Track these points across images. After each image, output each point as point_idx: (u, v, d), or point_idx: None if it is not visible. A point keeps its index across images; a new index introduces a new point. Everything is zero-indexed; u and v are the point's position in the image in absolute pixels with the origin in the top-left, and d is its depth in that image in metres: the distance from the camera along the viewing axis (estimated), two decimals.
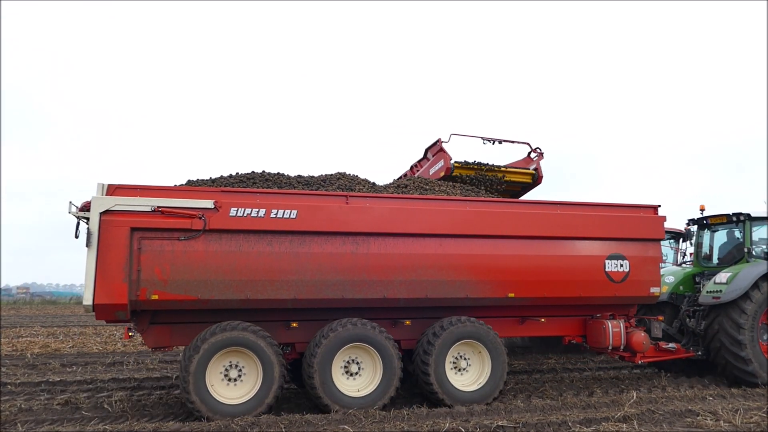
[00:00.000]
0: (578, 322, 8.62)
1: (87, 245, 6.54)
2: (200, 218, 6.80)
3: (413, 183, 9.06)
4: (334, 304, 7.27)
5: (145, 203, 6.71)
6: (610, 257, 8.20)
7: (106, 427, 6.55)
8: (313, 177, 8.79)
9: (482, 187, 9.96)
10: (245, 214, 6.93)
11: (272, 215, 7.00)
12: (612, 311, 8.51)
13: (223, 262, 6.85)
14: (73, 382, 9.40)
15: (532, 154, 10.74)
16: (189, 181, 8.24)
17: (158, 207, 6.72)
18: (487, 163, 10.20)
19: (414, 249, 7.45)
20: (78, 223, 7.07)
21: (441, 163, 9.97)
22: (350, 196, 7.44)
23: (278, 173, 8.57)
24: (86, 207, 6.69)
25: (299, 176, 8.71)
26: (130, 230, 6.60)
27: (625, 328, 8.32)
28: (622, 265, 8.22)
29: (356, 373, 7.31)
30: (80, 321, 25.20)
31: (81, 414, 7.26)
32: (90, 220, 6.56)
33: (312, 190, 8.16)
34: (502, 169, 10.29)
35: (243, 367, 6.99)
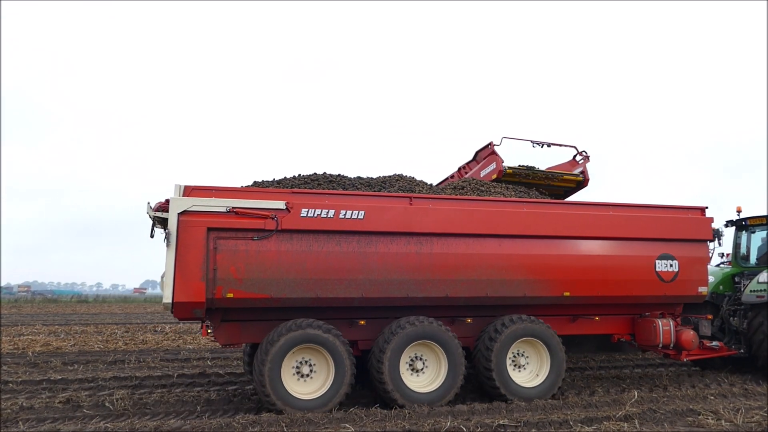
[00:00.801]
0: (627, 320, 8.82)
1: (166, 245, 6.72)
2: (273, 219, 6.98)
3: (469, 185, 9.27)
4: (399, 302, 7.44)
5: (220, 204, 6.90)
6: (660, 257, 8.38)
7: (108, 425, 6.55)
8: (372, 178, 8.99)
9: (533, 190, 10.19)
10: (315, 215, 7.13)
11: (341, 216, 7.19)
12: (661, 310, 8.73)
13: (294, 262, 7.03)
14: (74, 381, 9.41)
15: (578, 157, 10.97)
16: (255, 182, 8.45)
17: (233, 208, 6.91)
18: (536, 167, 10.46)
19: (474, 249, 7.63)
20: (153, 223, 7.25)
21: (493, 166, 10.23)
22: (414, 198, 7.62)
23: (339, 174, 8.80)
24: (162, 207, 6.89)
25: (359, 177, 8.92)
26: (207, 230, 6.79)
27: (674, 326, 8.52)
28: (671, 265, 8.41)
29: (421, 370, 7.50)
30: (81, 319, 25.21)
31: (82, 412, 7.27)
32: (169, 220, 6.75)
33: (374, 191, 8.33)
34: (551, 172, 10.56)
35: (314, 363, 7.18)
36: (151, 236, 7.34)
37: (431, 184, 9.40)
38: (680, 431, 6.21)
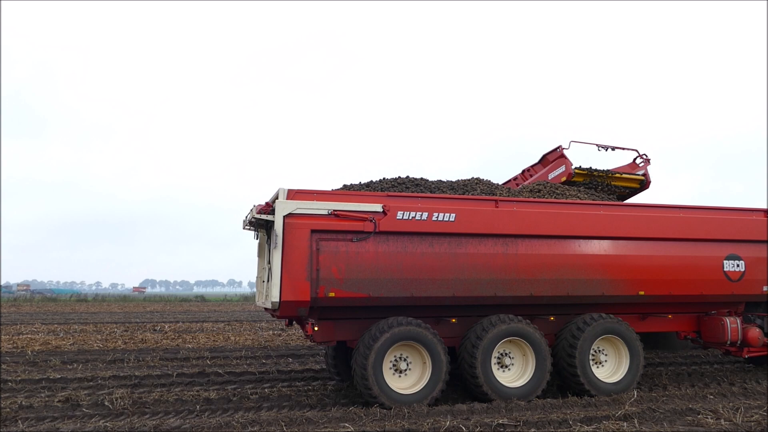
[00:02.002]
0: (693, 318, 9.22)
1: (273, 246, 7.07)
2: (371, 221, 7.30)
3: (545, 188, 9.60)
4: (487, 301, 7.73)
5: (322, 207, 7.19)
6: (728, 258, 8.80)
7: (107, 424, 6.55)
8: (451, 181, 9.27)
9: (600, 192, 10.53)
10: (410, 217, 7.44)
11: (434, 218, 7.52)
12: (726, 308, 9.10)
13: (390, 262, 7.32)
14: (73, 380, 9.40)
15: (638, 160, 11.34)
16: (345, 185, 8.82)
17: (334, 210, 7.19)
18: (602, 170, 10.80)
19: (556, 250, 7.99)
20: (255, 226, 7.70)
21: (562, 169, 10.59)
22: (500, 201, 7.97)
23: (422, 178, 9.12)
24: (264, 210, 7.24)
25: (440, 181, 9.21)
26: (311, 232, 7.08)
27: (740, 324, 8.86)
28: (738, 265, 8.82)
29: (508, 366, 7.83)
30: (80, 318, 25.19)
31: (81, 411, 7.26)
32: (275, 223, 7.06)
33: (458, 194, 8.61)
34: (616, 175, 10.89)
35: (410, 359, 7.46)
36: (256, 238, 7.80)
37: (509, 188, 9.81)
38: (680, 430, 6.21)
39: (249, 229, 8.32)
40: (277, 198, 7.19)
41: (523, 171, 11.86)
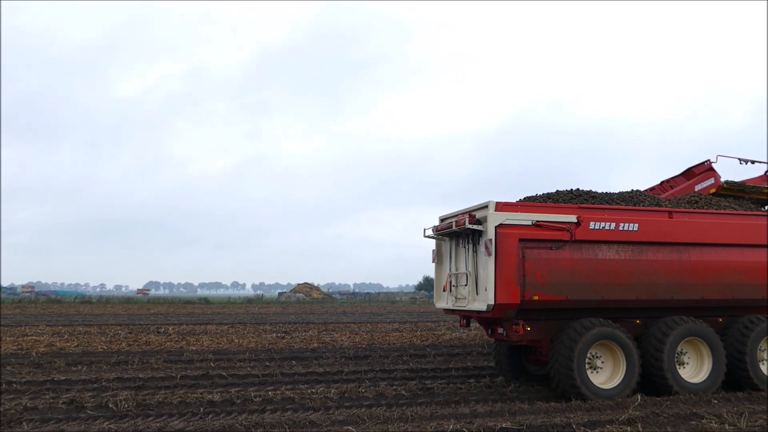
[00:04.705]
0: None
1: (487, 254, 7.81)
2: (567, 231, 7.98)
3: (702, 200, 10.32)
4: (665, 304, 8.46)
5: (526, 218, 7.93)
6: None
7: (111, 425, 6.58)
8: (614, 193, 9.77)
9: (746, 203, 10.93)
10: (601, 227, 8.18)
11: (620, 228, 8.24)
12: None
13: (584, 268, 8.05)
14: (77, 381, 9.44)
15: None
16: (526, 197, 9.54)
17: (536, 221, 7.91)
18: (744, 182, 11.39)
19: (721, 257, 8.72)
20: (470, 235, 8.35)
21: (711, 181, 11.26)
22: (673, 212, 8.70)
23: (590, 190, 9.65)
24: (470, 221, 8.04)
25: (605, 193, 9.74)
26: (518, 241, 7.79)
27: None
28: None
29: (685, 363, 8.43)
30: (85, 320, 25.27)
31: (86, 413, 7.29)
32: (487, 232, 7.87)
33: (629, 206, 9.12)
34: (761, 187, 11.47)
35: (603, 357, 8.08)
36: (465, 247, 8.59)
37: (668, 200, 10.29)
38: None
39: (432, 237, 9.38)
40: (486, 209, 7.93)
41: (662, 182, 12.36)
